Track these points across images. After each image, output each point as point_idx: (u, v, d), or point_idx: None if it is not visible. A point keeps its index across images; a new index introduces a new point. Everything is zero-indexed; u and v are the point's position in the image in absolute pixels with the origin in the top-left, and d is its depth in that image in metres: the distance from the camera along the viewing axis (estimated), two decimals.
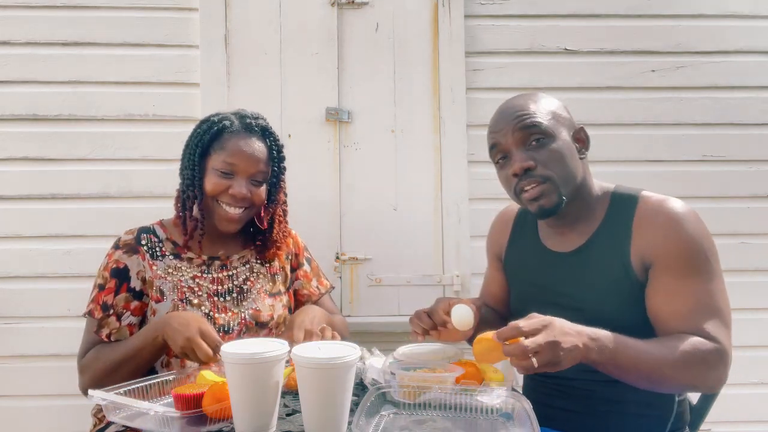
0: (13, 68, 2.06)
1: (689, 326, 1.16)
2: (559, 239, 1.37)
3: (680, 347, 1.12)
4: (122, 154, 2.07)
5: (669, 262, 1.20)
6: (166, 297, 1.39)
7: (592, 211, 1.33)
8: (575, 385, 1.32)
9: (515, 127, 1.26)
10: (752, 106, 2.15)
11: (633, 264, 1.24)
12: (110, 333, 1.36)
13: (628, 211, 1.27)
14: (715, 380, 1.16)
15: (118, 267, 1.40)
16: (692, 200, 2.20)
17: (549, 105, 1.30)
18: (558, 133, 1.27)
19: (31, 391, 2.03)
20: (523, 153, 1.26)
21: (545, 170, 1.25)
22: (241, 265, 1.51)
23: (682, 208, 1.24)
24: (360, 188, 2.11)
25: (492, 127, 1.33)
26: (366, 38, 2.12)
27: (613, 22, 2.15)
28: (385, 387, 1.12)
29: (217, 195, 1.43)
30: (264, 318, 1.46)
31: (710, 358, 1.13)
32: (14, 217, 2.05)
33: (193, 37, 2.09)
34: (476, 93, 2.12)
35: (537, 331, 1.01)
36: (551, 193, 1.26)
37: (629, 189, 1.33)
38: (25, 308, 2.04)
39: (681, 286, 1.19)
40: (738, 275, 2.12)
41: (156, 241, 1.45)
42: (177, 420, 1.01)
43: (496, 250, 1.56)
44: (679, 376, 1.12)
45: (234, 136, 1.45)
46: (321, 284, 1.68)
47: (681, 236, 1.21)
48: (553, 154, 1.25)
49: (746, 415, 2.11)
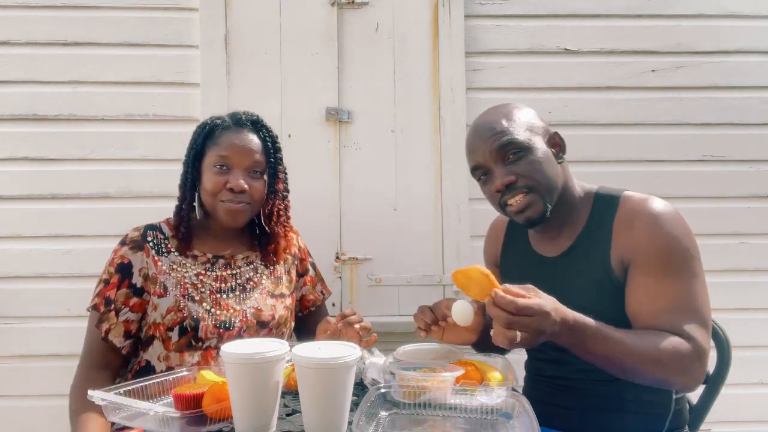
0: (13, 68, 2.06)
1: (667, 325, 1.16)
2: (548, 244, 1.39)
3: (655, 342, 1.13)
4: (122, 154, 2.07)
5: (647, 261, 1.21)
6: (169, 292, 1.39)
7: (577, 214, 1.34)
8: (575, 384, 1.33)
9: (491, 147, 1.29)
10: (752, 106, 2.15)
11: (613, 264, 1.25)
12: (109, 328, 1.37)
13: (610, 212, 1.28)
14: (691, 379, 1.17)
15: (123, 262, 1.41)
16: (692, 200, 2.21)
17: (521, 117, 1.32)
18: (533, 143, 1.29)
19: (31, 391, 2.03)
20: (502, 168, 1.29)
21: (527, 181, 1.27)
22: (245, 265, 1.52)
23: (663, 207, 1.24)
24: (360, 188, 2.11)
25: (469, 147, 1.36)
26: (366, 38, 2.12)
27: (613, 22, 2.15)
28: (385, 387, 1.12)
29: (217, 192, 1.43)
30: (265, 317, 1.46)
31: (686, 357, 1.14)
32: (14, 217, 2.05)
33: (193, 37, 2.09)
34: (476, 93, 2.12)
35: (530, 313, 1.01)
36: (536, 203, 1.28)
37: (611, 189, 1.34)
38: (25, 308, 2.04)
39: (659, 286, 1.19)
40: (738, 275, 2.12)
41: (162, 238, 1.46)
42: (177, 420, 1.01)
43: (491, 257, 1.60)
44: (651, 368, 1.13)
45: (226, 131, 1.47)
46: (325, 289, 1.72)
47: (659, 235, 1.21)
48: (532, 165, 1.27)
49: (746, 415, 2.11)
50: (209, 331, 1.37)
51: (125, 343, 1.38)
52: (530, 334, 1.01)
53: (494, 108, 1.37)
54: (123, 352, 1.39)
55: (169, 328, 1.36)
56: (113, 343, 1.37)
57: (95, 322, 1.38)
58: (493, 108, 1.37)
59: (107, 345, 1.37)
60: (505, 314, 1.01)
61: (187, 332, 1.36)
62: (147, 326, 1.39)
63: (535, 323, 1.01)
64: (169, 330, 1.36)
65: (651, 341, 1.13)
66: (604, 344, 1.10)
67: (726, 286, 2.06)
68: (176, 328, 1.36)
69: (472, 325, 1.25)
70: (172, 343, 1.36)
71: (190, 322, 1.36)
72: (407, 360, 1.23)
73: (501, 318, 1.01)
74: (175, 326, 1.36)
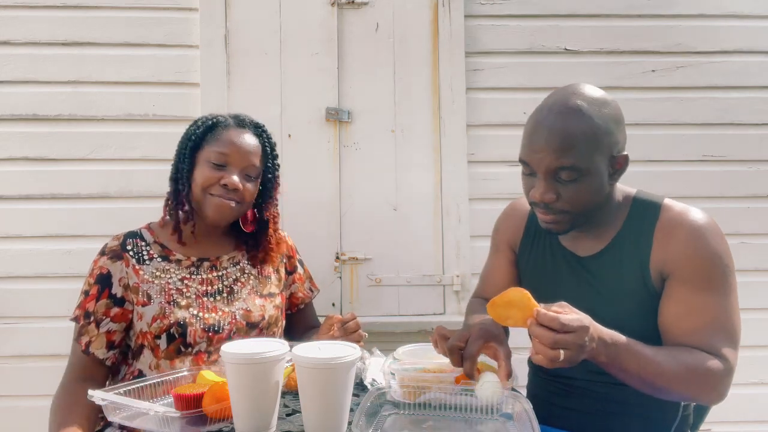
0: (13, 68, 2.06)
1: (699, 341, 1.15)
2: (580, 242, 1.34)
3: (688, 361, 1.11)
4: (122, 154, 2.07)
5: (687, 275, 1.19)
6: (153, 300, 1.37)
7: (612, 217, 1.30)
8: (579, 385, 1.32)
9: (548, 161, 1.17)
10: (752, 106, 2.15)
11: (652, 273, 1.22)
12: (89, 341, 1.35)
13: (650, 219, 1.25)
14: (716, 397, 1.16)
15: (102, 273, 1.39)
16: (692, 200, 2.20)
17: (598, 129, 1.17)
18: (592, 167, 1.17)
19: (31, 391, 2.03)
20: (549, 184, 1.19)
21: (566, 205, 1.20)
22: (231, 265, 1.50)
23: (706, 221, 1.22)
24: (360, 188, 2.11)
25: (527, 138, 1.22)
26: (366, 38, 2.12)
27: (613, 22, 2.15)
28: (385, 387, 1.12)
29: (208, 187, 1.42)
30: (255, 318, 1.44)
31: (715, 376, 1.12)
32: (14, 217, 2.05)
33: (193, 37, 2.09)
34: (476, 93, 2.12)
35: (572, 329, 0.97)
36: (565, 223, 1.24)
37: (651, 196, 1.31)
38: (25, 308, 2.04)
39: (697, 300, 1.17)
40: (738, 275, 2.09)
41: (143, 245, 1.44)
42: (177, 420, 1.01)
43: (509, 239, 1.49)
44: (682, 388, 1.11)
45: (228, 129, 1.47)
46: (314, 286, 1.70)
47: (702, 250, 1.19)
48: (579, 192, 1.19)
49: (746, 415, 2.11)
50: (198, 336, 1.35)
51: (108, 354, 1.36)
52: (573, 352, 0.97)
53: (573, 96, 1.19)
54: (108, 363, 1.36)
55: (157, 335, 1.34)
56: (95, 355, 1.34)
57: (75, 336, 1.37)
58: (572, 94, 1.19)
59: (90, 357, 1.35)
60: (550, 333, 0.96)
61: (175, 339, 1.34)
62: (135, 336, 1.37)
63: (578, 339, 0.98)
64: (157, 338, 1.34)
65: (684, 360, 1.11)
66: (637, 362, 1.08)
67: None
68: (163, 335, 1.34)
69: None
70: (161, 350, 1.34)
71: (177, 328, 1.34)
72: (407, 360, 1.23)
73: (546, 337, 0.96)
74: (162, 333, 1.34)
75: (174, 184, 1.47)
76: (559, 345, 0.96)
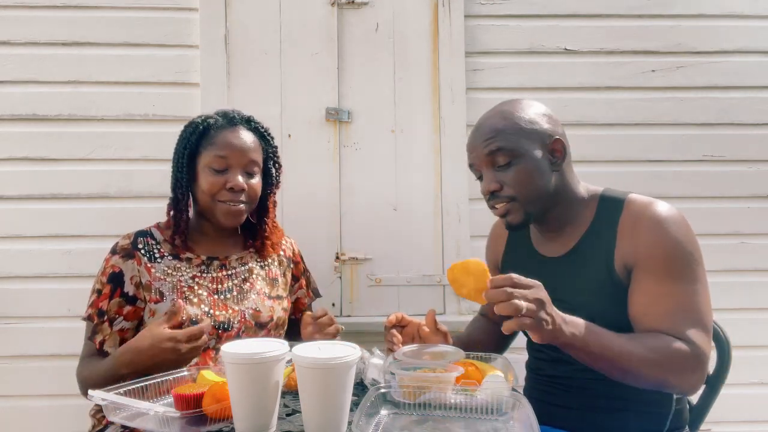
0: (13, 68, 2.06)
1: (668, 329, 1.16)
2: (550, 244, 1.39)
3: (652, 343, 1.13)
4: (122, 154, 2.07)
5: (651, 265, 1.21)
6: (166, 297, 1.39)
7: (580, 215, 1.34)
8: (575, 383, 1.33)
9: (483, 151, 1.31)
10: (752, 106, 2.15)
11: (616, 267, 1.25)
12: (103, 339, 1.37)
13: (614, 215, 1.28)
14: (690, 383, 1.17)
15: (114, 272, 1.40)
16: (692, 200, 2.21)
17: (520, 120, 1.30)
18: (526, 151, 1.28)
19: (31, 391, 2.03)
20: (491, 174, 1.31)
21: (510, 191, 1.29)
22: (240, 266, 1.51)
23: (667, 211, 1.24)
24: (360, 188, 2.11)
25: (468, 146, 1.38)
26: (366, 38, 2.12)
27: (613, 22, 2.15)
28: (385, 387, 1.12)
29: (215, 193, 1.43)
30: (264, 319, 1.46)
31: (682, 358, 1.13)
32: (14, 217, 2.05)
33: (193, 37, 2.09)
34: (476, 93, 2.12)
35: (526, 285, 1.04)
36: (516, 211, 1.31)
37: (617, 192, 1.34)
38: (25, 308, 2.04)
39: (661, 289, 1.19)
40: (738, 275, 2.12)
41: (153, 244, 1.45)
42: (177, 420, 1.01)
43: (493, 258, 1.60)
44: (651, 372, 1.13)
45: (222, 131, 1.46)
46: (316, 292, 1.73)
47: (663, 239, 1.21)
48: (519, 175, 1.28)
49: (746, 415, 2.11)
50: (208, 333, 1.36)
51: None
52: (535, 306, 1.01)
53: (498, 106, 1.36)
54: None
55: None
56: (109, 353, 1.36)
57: (89, 334, 1.39)
58: (498, 105, 1.36)
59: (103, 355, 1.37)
60: (503, 290, 1.01)
61: None
62: None
63: (534, 294, 1.02)
64: None
65: (651, 343, 1.13)
66: (600, 343, 1.10)
67: (726, 286, 2.06)
68: None
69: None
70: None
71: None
72: (407, 360, 1.23)
73: (500, 294, 1.01)
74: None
75: (174, 193, 1.48)
76: (515, 297, 1.00)
